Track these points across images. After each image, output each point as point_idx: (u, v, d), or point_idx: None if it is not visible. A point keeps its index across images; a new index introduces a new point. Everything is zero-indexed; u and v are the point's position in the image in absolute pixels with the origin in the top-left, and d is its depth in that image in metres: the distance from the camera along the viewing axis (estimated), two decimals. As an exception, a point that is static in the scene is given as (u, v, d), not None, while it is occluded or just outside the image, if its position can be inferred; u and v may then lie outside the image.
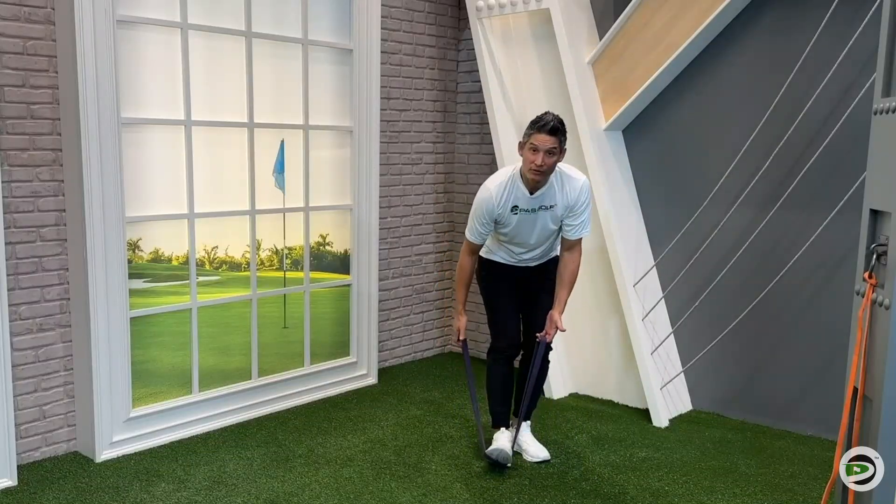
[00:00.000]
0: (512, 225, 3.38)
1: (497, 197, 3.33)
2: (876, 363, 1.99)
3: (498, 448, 3.49)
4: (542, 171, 3.23)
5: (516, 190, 3.32)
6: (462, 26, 5.17)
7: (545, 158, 3.21)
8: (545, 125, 3.21)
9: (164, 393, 3.82)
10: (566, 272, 3.46)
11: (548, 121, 3.22)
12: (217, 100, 3.88)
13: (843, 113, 3.61)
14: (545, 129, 3.20)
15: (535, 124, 3.24)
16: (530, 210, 3.35)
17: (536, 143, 3.21)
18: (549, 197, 3.35)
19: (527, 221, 3.37)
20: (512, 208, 3.33)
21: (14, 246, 3.37)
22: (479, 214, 3.38)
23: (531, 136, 3.23)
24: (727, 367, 4.19)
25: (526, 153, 3.26)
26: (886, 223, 2.00)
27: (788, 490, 3.35)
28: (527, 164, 3.26)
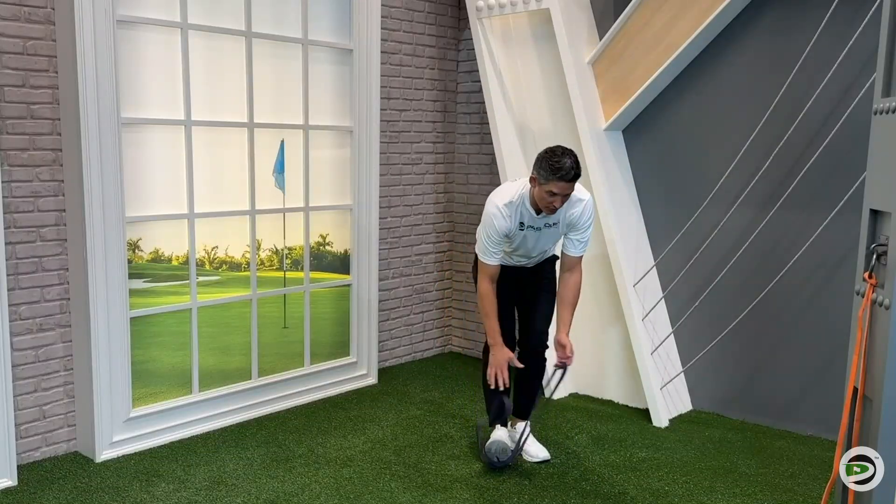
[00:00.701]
0: (517, 241, 3.40)
1: (508, 217, 3.31)
2: (876, 363, 1.99)
3: (495, 440, 3.50)
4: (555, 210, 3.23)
5: (524, 210, 3.32)
6: (462, 26, 5.17)
7: (562, 201, 3.21)
8: (566, 174, 3.12)
9: (164, 393, 3.82)
10: (569, 293, 3.45)
11: (567, 169, 3.11)
12: (217, 100, 3.88)
13: (843, 113, 3.61)
14: (566, 178, 3.13)
15: (554, 172, 3.11)
16: (536, 227, 3.36)
17: (556, 190, 3.15)
18: (554, 216, 3.34)
19: (531, 237, 3.39)
20: (520, 225, 3.34)
21: (14, 246, 3.37)
22: (492, 235, 3.32)
23: (550, 181, 3.13)
24: (727, 367, 4.19)
25: (541, 193, 3.19)
26: (886, 223, 2.00)
27: (788, 490, 3.35)
28: (542, 202, 3.22)
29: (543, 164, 3.15)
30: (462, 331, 5.44)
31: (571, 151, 3.17)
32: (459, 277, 5.38)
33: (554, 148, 3.20)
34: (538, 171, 3.18)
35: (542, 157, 3.18)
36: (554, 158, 3.14)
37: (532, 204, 3.30)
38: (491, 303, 3.38)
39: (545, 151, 3.20)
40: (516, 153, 4.65)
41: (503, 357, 3.38)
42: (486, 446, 3.52)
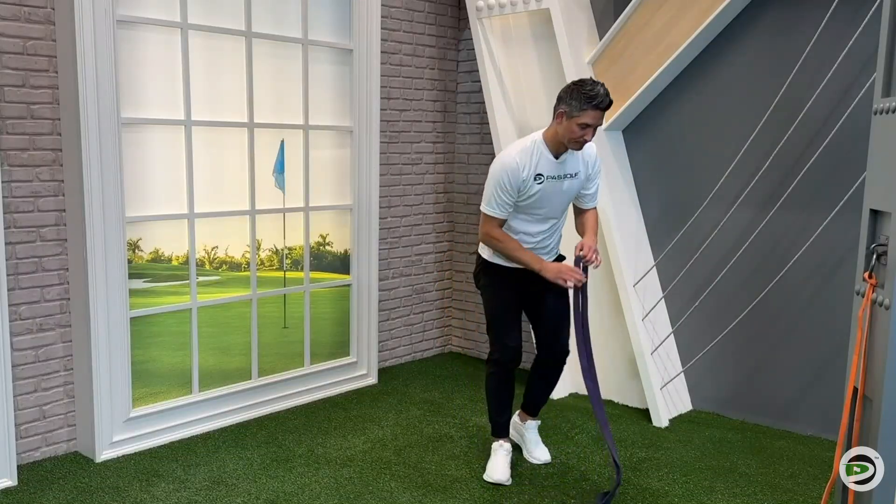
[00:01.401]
0: (535, 196, 3.15)
1: (522, 162, 3.10)
2: (876, 363, 1.99)
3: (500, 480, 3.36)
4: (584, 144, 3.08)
5: (541, 157, 3.12)
6: (462, 26, 5.17)
7: (593, 133, 3.05)
8: (601, 102, 2.97)
9: (164, 393, 3.82)
10: (589, 221, 3.33)
11: (603, 96, 2.97)
12: (217, 100, 3.88)
13: (843, 113, 3.61)
14: (601, 106, 2.98)
15: (589, 99, 2.96)
16: (556, 177, 3.15)
17: (590, 121, 2.99)
18: (572, 164, 3.18)
19: (551, 191, 3.16)
20: (536, 176, 3.11)
21: (14, 246, 3.37)
22: (501, 183, 3.10)
23: (584, 112, 2.97)
24: (727, 367, 4.19)
25: (573, 127, 3.01)
26: (886, 223, 2.00)
27: (788, 490, 3.35)
28: (571, 136, 3.03)
29: (575, 94, 2.99)
30: (462, 331, 5.44)
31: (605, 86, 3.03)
32: (459, 277, 5.38)
33: (582, 79, 3.06)
34: (568, 102, 3.00)
35: (572, 88, 3.02)
36: (586, 87, 2.99)
37: (553, 147, 3.12)
38: (510, 240, 3.18)
39: (573, 83, 3.05)
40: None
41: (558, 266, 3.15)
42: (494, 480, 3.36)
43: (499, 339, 3.38)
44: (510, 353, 3.37)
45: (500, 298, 3.36)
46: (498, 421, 3.51)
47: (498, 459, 3.45)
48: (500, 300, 3.36)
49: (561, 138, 3.10)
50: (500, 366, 3.40)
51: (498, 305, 3.37)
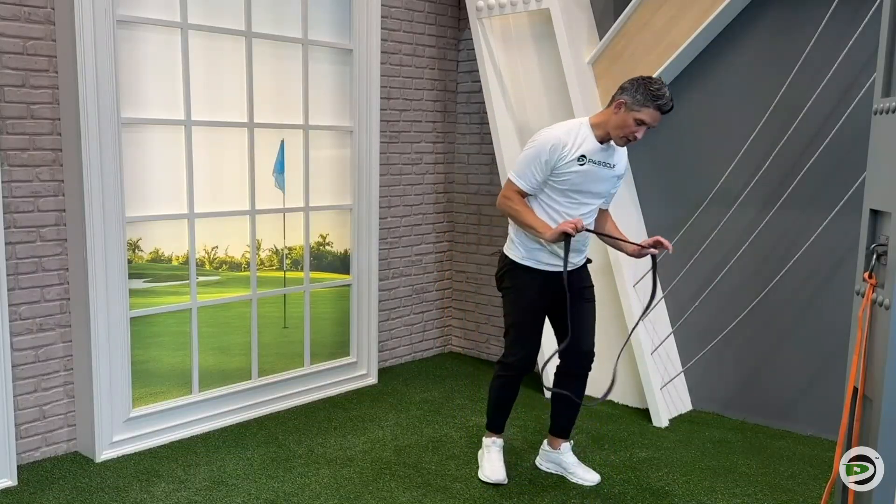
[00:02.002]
0: (576, 177, 3.06)
1: (566, 139, 3.03)
2: (876, 363, 1.99)
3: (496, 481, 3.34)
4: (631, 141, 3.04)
5: (585, 139, 3.06)
6: (462, 26, 5.17)
7: (644, 134, 3.02)
8: (666, 104, 2.95)
9: (164, 393, 3.82)
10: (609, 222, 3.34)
11: (668, 99, 2.95)
12: (217, 100, 3.88)
13: (843, 113, 3.61)
14: (665, 108, 2.96)
15: (655, 98, 2.93)
16: (599, 163, 3.08)
17: (648, 119, 2.96)
18: (612, 156, 3.13)
19: (593, 176, 3.09)
20: (580, 158, 3.03)
21: (14, 246, 3.37)
22: (539, 157, 3.02)
23: (645, 109, 2.94)
24: (727, 367, 4.19)
25: (627, 120, 2.97)
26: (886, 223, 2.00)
27: (788, 490, 3.35)
28: (623, 130, 3.00)
29: (641, 89, 2.95)
30: (462, 331, 5.44)
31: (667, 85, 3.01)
32: (459, 277, 5.38)
33: (650, 76, 3.02)
34: (633, 95, 2.96)
35: (640, 82, 2.98)
36: (654, 85, 2.95)
37: (599, 134, 3.06)
38: (525, 205, 3.08)
39: (641, 78, 3.01)
40: (516, 153, 4.65)
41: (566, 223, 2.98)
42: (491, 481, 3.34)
43: (518, 344, 3.25)
44: (527, 361, 3.26)
45: (527, 303, 3.21)
46: (496, 419, 3.45)
47: (493, 457, 3.41)
48: (526, 305, 3.21)
49: (611, 127, 3.04)
50: (513, 371, 3.29)
51: (523, 310, 3.22)
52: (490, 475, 3.37)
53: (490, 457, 3.42)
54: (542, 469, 3.53)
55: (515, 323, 3.25)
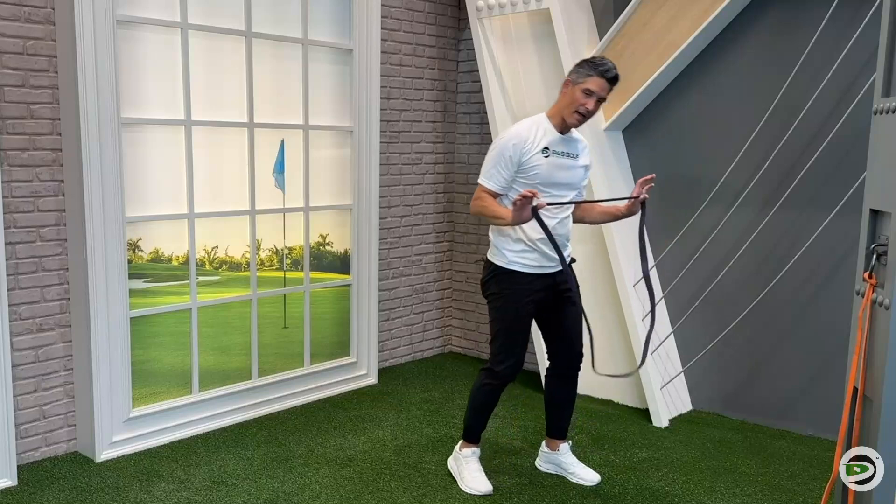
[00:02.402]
0: (542, 169, 3.07)
1: (527, 134, 3.06)
2: (876, 363, 1.99)
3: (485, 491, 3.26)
4: (587, 117, 3.06)
5: (546, 131, 3.09)
6: (462, 26, 5.17)
7: (596, 105, 3.05)
8: (608, 71, 3.01)
9: (164, 393, 3.82)
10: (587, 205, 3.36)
11: (610, 67, 3.02)
12: (217, 100, 3.88)
13: (843, 113, 3.61)
14: (607, 75, 3.01)
15: (595, 67, 3.01)
16: (561, 153, 3.11)
17: (594, 87, 3.01)
18: (574, 146, 3.16)
19: (559, 167, 3.11)
20: (543, 150, 3.06)
21: (14, 246, 3.37)
22: (504, 154, 3.05)
23: (589, 78, 3.01)
24: (727, 367, 4.19)
25: (575, 94, 3.03)
26: (886, 223, 2.00)
27: (788, 490, 3.35)
28: (573, 106, 3.04)
29: (583, 64, 3.05)
30: (462, 331, 5.44)
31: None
32: (459, 277, 5.38)
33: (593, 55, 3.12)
34: (576, 70, 3.05)
35: (582, 60, 3.10)
36: (596, 58, 3.07)
37: (557, 124, 3.10)
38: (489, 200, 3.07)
39: (583, 59, 3.12)
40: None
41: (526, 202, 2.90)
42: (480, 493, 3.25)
43: (506, 352, 3.20)
44: (515, 369, 3.23)
45: (514, 310, 3.17)
46: (477, 428, 3.38)
47: (474, 468, 3.35)
48: (515, 312, 3.17)
49: (563, 110, 3.08)
50: (499, 379, 3.24)
51: (511, 318, 3.18)
52: (479, 487, 3.27)
53: (471, 468, 3.34)
54: (541, 470, 3.53)
55: (503, 330, 3.21)
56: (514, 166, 3.07)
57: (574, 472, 3.42)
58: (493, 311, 3.24)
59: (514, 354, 3.20)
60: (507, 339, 3.20)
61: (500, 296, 3.19)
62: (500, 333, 3.21)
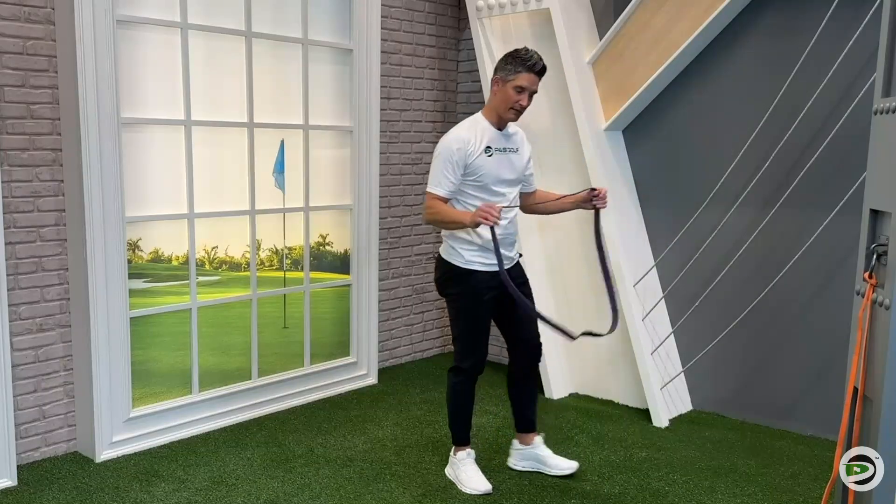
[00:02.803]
0: (486, 168, 3.13)
1: (468, 136, 3.11)
2: (876, 363, 1.99)
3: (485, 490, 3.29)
4: (521, 112, 3.14)
5: (485, 130, 3.16)
6: (462, 26, 5.17)
7: (529, 100, 3.12)
8: (535, 64, 3.07)
9: (164, 393, 3.82)
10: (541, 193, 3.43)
11: (536, 59, 3.07)
12: (217, 100, 3.88)
13: (843, 113, 3.61)
14: (535, 68, 3.07)
15: (522, 62, 3.05)
16: (503, 150, 3.18)
17: (524, 83, 3.07)
18: (512, 140, 3.24)
19: (503, 164, 3.18)
20: (486, 149, 3.12)
21: (14, 246, 3.37)
22: (451, 159, 3.08)
23: (518, 74, 3.06)
24: (727, 367, 4.19)
25: (508, 91, 3.09)
26: (886, 223, 2.00)
27: (788, 490, 3.35)
28: (507, 103, 3.10)
29: (509, 60, 3.09)
30: (462, 331, 5.43)
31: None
32: (459, 277, 5.37)
33: (516, 48, 3.15)
34: (503, 67, 3.10)
35: (506, 55, 3.12)
36: (520, 52, 3.09)
37: (494, 121, 3.17)
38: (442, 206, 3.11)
39: (508, 53, 3.13)
40: (516, 153, 4.65)
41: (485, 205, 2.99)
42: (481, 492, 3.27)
43: (471, 350, 3.28)
44: (481, 365, 3.31)
45: (475, 309, 3.23)
46: (462, 430, 3.41)
47: (471, 469, 3.36)
48: (476, 311, 3.24)
49: (498, 106, 3.15)
50: (469, 376, 3.31)
51: (474, 316, 3.25)
52: (478, 487, 3.29)
53: (468, 470, 3.36)
54: (517, 469, 3.50)
55: (467, 329, 3.27)
56: (460, 170, 3.11)
57: (553, 463, 3.45)
58: (454, 311, 3.31)
59: (478, 351, 3.29)
60: (471, 337, 3.28)
61: (460, 296, 3.25)
62: (464, 332, 3.29)
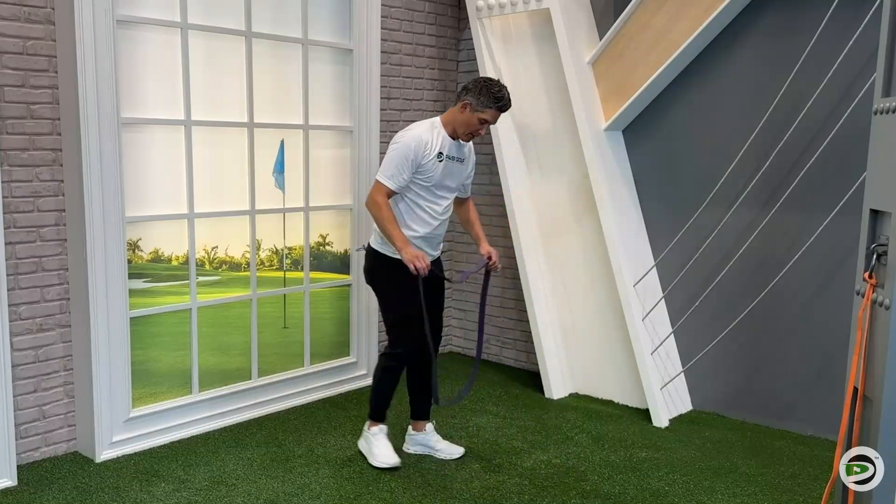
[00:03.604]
0: (437, 172, 3.35)
1: (426, 136, 3.31)
2: (876, 363, 1.99)
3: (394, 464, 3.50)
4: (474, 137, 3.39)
5: (442, 137, 3.36)
6: (462, 26, 5.17)
7: (485, 131, 3.40)
8: (505, 105, 3.34)
9: (164, 393, 3.82)
10: (473, 214, 3.71)
11: (507, 102, 3.33)
12: (217, 100, 3.88)
13: (843, 113, 3.61)
14: (504, 109, 3.35)
15: (495, 101, 3.30)
16: (453, 158, 3.40)
17: (489, 118, 3.33)
18: (462, 150, 3.44)
19: (450, 169, 3.40)
20: (438, 154, 3.33)
21: (14, 246, 3.37)
22: (407, 156, 3.27)
23: (487, 110, 3.30)
24: (727, 367, 4.19)
25: (472, 119, 3.32)
26: (886, 223, 2.00)
27: (788, 490, 3.35)
28: (468, 128, 3.34)
29: (484, 92, 3.30)
30: (462, 331, 5.44)
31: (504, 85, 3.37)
32: (459, 278, 5.37)
33: (490, 78, 3.39)
34: (476, 97, 3.30)
35: (482, 85, 3.31)
36: (495, 88, 3.31)
37: (449, 132, 3.38)
38: (390, 210, 3.31)
39: (483, 80, 3.35)
40: (516, 153, 4.65)
41: (417, 251, 3.28)
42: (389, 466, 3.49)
43: (407, 335, 3.45)
44: (416, 350, 3.47)
45: (409, 293, 3.35)
46: (382, 408, 3.63)
47: (382, 443, 3.56)
48: (409, 296, 3.36)
49: (457, 125, 3.37)
50: (402, 361, 3.52)
51: (408, 303, 3.38)
52: (386, 460, 3.49)
53: (380, 443, 3.56)
54: (409, 452, 3.68)
55: (402, 315, 3.44)
56: (414, 168, 3.31)
57: (440, 448, 3.66)
58: (385, 300, 3.52)
59: (412, 337, 3.45)
60: (406, 323, 3.43)
61: (392, 285, 3.45)
62: (399, 319, 3.46)
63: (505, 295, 5.15)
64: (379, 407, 3.63)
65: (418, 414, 3.72)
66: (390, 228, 3.29)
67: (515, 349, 5.14)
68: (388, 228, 3.30)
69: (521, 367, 5.10)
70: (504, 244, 5.04)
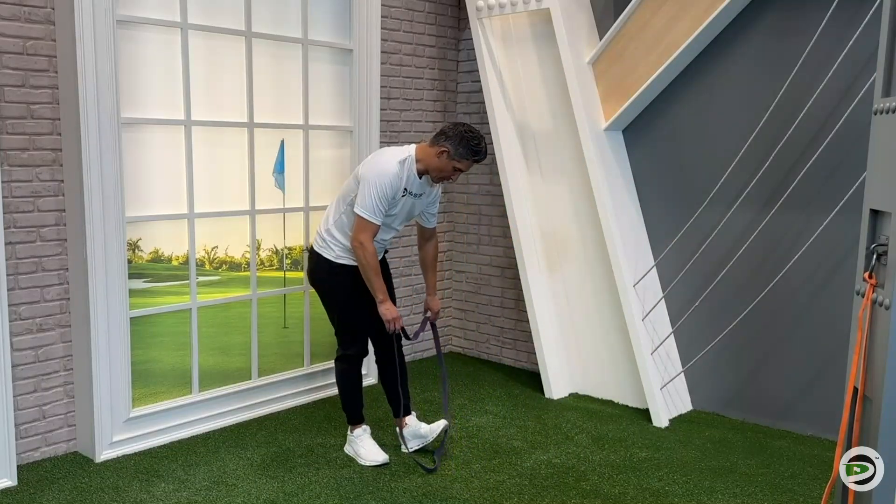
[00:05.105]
0: (400, 207, 3.41)
1: (401, 174, 3.35)
2: (876, 363, 1.99)
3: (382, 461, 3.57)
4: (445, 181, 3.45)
5: (411, 173, 3.38)
6: (462, 26, 5.17)
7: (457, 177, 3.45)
8: (482, 158, 3.39)
9: (164, 393, 3.82)
10: (431, 259, 3.71)
11: (485, 153, 3.38)
12: (217, 100, 3.88)
13: (843, 113, 3.61)
14: (480, 161, 3.40)
15: (474, 154, 3.35)
16: (414, 194, 3.43)
17: (464, 168, 3.38)
18: (424, 186, 3.47)
19: (408, 206, 3.45)
20: (404, 191, 3.38)
21: (14, 246, 3.37)
22: (384, 191, 3.31)
23: (464, 161, 3.34)
24: (727, 367, 4.19)
25: (448, 166, 3.35)
26: (886, 223, 2.00)
27: (788, 490, 3.35)
28: (442, 173, 3.38)
29: (463, 143, 3.32)
30: (462, 331, 5.44)
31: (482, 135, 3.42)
32: (459, 277, 5.38)
33: (470, 127, 3.39)
34: (456, 147, 3.32)
35: (463, 135, 3.33)
36: (473, 141, 3.34)
37: (420, 168, 3.39)
38: (376, 259, 3.37)
39: (463, 129, 3.35)
40: (516, 153, 4.66)
41: (395, 310, 3.45)
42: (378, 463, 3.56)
43: (352, 336, 3.58)
44: (364, 346, 3.63)
45: (356, 298, 3.50)
46: (356, 409, 3.68)
47: (368, 444, 3.63)
48: (356, 300, 3.50)
49: (431, 168, 3.38)
50: (353, 362, 3.62)
51: (353, 306, 3.52)
52: (373, 458, 3.56)
53: (364, 443, 3.63)
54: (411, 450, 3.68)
55: (345, 318, 3.57)
56: (391, 200, 3.36)
57: (427, 430, 3.70)
58: (330, 303, 3.60)
59: (359, 336, 3.60)
60: (353, 326, 3.58)
61: (337, 288, 3.53)
62: (344, 322, 3.58)
63: (505, 295, 5.15)
64: (353, 409, 3.68)
65: (397, 412, 3.76)
66: (374, 280, 3.38)
67: (515, 349, 5.14)
68: (373, 279, 3.38)
69: (521, 367, 5.10)
70: (504, 244, 5.04)
